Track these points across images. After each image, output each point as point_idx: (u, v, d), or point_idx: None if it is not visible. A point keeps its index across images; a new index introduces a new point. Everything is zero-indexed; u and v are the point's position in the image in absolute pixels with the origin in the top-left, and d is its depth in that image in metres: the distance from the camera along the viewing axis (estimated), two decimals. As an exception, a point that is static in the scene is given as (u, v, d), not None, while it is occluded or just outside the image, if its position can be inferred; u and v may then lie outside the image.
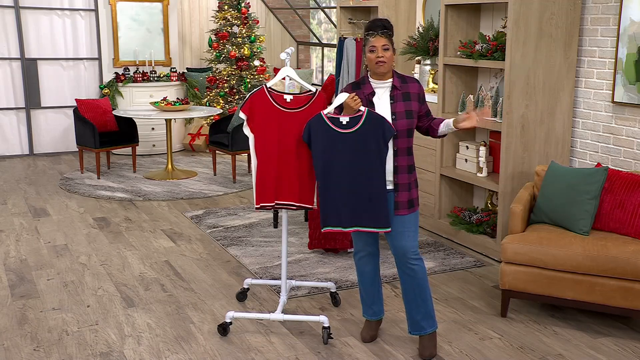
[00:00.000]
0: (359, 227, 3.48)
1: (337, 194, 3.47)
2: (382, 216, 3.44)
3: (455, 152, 5.62)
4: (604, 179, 4.07)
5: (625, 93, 4.60)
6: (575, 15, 4.87)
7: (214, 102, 9.21)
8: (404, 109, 3.46)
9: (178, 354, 3.66)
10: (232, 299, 4.39)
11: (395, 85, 3.48)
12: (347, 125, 3.42)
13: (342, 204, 3.47)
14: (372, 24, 3.47)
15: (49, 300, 4.35)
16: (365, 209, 3.44)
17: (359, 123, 3.40)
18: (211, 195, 7.01)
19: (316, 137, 3.48)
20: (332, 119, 3.45)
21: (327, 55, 10.64)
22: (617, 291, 3.79)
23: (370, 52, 3.43)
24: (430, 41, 5.75)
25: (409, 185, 3.51)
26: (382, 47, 3.41)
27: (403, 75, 3.55)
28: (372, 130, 3.39)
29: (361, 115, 3.40)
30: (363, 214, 3.45)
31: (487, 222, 5.30)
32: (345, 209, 3.47)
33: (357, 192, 3.43)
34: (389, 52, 3.43)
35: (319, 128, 3.47)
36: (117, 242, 5.51)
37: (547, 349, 3.73)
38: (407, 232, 3.51)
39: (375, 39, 3.41)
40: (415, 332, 3.65)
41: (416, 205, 3.56)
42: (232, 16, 9.21)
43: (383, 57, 3.41)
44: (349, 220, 3.48)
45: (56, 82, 9.03)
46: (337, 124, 3.44)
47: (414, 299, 3.58)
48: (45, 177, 7.79)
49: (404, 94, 3.49)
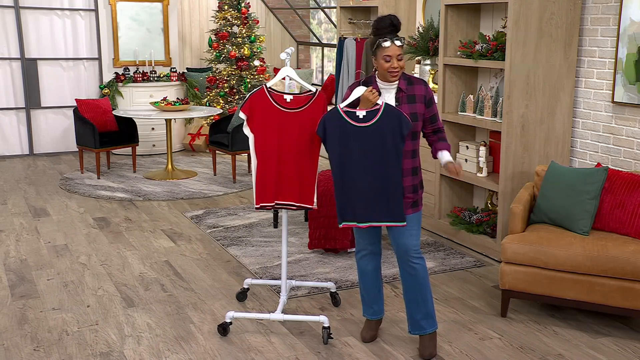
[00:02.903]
0: (373, 222, 3.45)
1: (353, 188, 3.44)
2: (398, 210, 3.42)
3: (455, 152, 5.62)
4: (604, 179, 4.07)
5: (625, 93, 4.60)
6: (575, 15, 4.87)
7: (214, 102, 9.21)
8: (408, 111, 3.44)
9: (178, 354, 3.66)
10: (232, 299, 4.39)
11: (401, 88, 3.45)
12: (364, 119, 3.38)
13: (357, 199, 3.44)
14: (382, 23, 3.37)
15: (49, 300, 4.35)
16: (381, 203, 3.42)
17: (376, 117, 3.37)
18: (211, 195, 7.01)
19: (332, 132, 3.43)
20: (348, 113, 3.41)
21: (327, 55, 10.64)
22: (617, 291, 3.79)
23: (385, 61, 3.37)
24: (430, 41, 5.76)
25: (413, 187, 3.51)
26: (397, 57, 3.36)
27: (410, 77, 3.50)
28: (389, 124, 3.35)
29: (378, 109, 3.37)
30: (379, 208, 3.43)
31: (487, 222, 5.30)
32: (360, 204, 3.44)
33: (373, 186, 3.41)
34: (403, 62, 3.40)
35: (335, 122, 3.42)
36: (117, 242, 5.51)
37: (547, 349, 3.73)
38: (410, 230, 3.51)
39: (391, 47, 3.35)
40: (415, 332, 3.65)
41: (420, 205, 3.57)
42: (232, 16, 9.21)
43: (397, 67, 3.38)
44: (364, 215, 3.46)
45: (56, 82, 9.03)
46: (354, 117, 3.39)
47: (415, 298, 3.58)
48: (45, 177, 7.79)
49: (409, 96, 3.46)
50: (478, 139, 5.68)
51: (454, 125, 5.58)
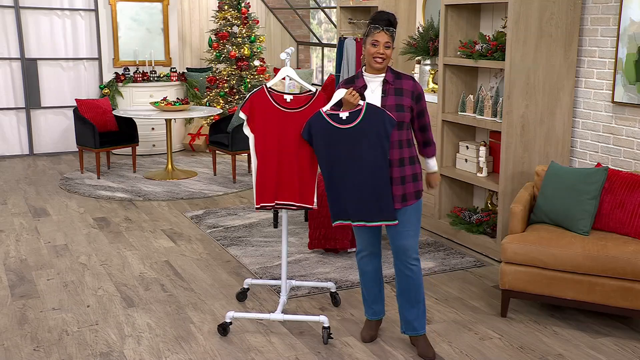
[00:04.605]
0: (365, 222, 3.46)
1: (342, 189, 3.45)
2: (389, 209, 3.42)
3: (455, 152, 5.62)
4: (604, 179, 4.07)
5: (625, 93, 4.60)
6: (575, 15, 4.87)
7: (214, 102, 9.21)
8: (394, 102, 3.45)
9: (178, 354, 3.66)
10: (232, 299, 4.39)
11: (388, 80, 3.48)
12: (347, 120, 3.40)
13: (348, 200, 3.45)
14: (378, 16, 3.44)
15: (49, 300, 4.35)
16: (371, 203, 3.42)
17: (358, 117, 3.39)
18: (211, 195, 7.01)
19: (317, 135, 3.47)
20: (331, 115, 3.44)
21: (327, 55, 10.64)
22: (617, 291, 3.79)
23: (372, 45, 3.42)
24: (430, 41, 5.76)
25: (402, 179, 3.45)
26: (385, 44, 3.41)
27: (399, 73, 3.54)
28: (372, 123, 3.37)
29: (360, 109, 3.39)
30: (369, 208, 3.43)
31: (487, 222, 5.30)
32: (351, 204, 3.45)
33: (361, 186, 3.41)
34: (390, 50, 3.44)
35: (319, 125, 3.46)
36: (117, 242, 5.51)
37: (547, 349, 3.73)
38: (407, 230, 3.50)
39: (380, 34, 3.40)
40: (408, 332, 3.68)
41: (410, 199, 3.48)
42: (232, 16, 9.21)
43: (384, 54, 3.42)
44: (356, 215, 3.47)
45: (56, 82, 9.03)
46: (337, 119, 3.42)
47: (409, 300, 3.59)
48: (45, 177, 7.78)
49: (397, 89, 3.48)
50: (478, 139, 5.68)
51: (454, 125, 5.58)
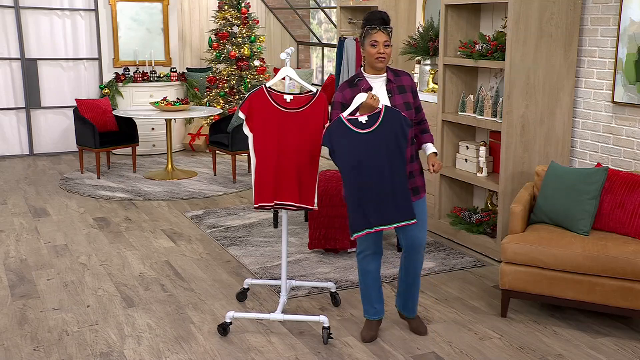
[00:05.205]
0: (385, 225, 3.48)
1: (367, 194, 3.45)
2: (408, 208, 3.46)
3: (455, 152, 5.62)
4: (604, 179, 4.07)
5: (625, 93, 4.60)
6: (575, 15, 4.87)
7: (214, 102, 9.21)
8: (402, 100, 3.57)
9: (178, 354, 3.66)
10: (232, 299, 4.39)
11: (390, 79, 3.58)
12: (367, 124, 3.42)
13: (370, 204, 3.45)
14: (372, 16, 3.51)
15: (49, 300, 4.35)
16: (391, 204, 3.44)
17: (378, 120, 3.41)
18: (211, 195, 7.01)
19: (339, 142, 3.42)
20: (351, 121, 3.43)
21: (327, 55, 10.64)
22: (617, 291, 3.79)
23: (372, 46, 3.48)
24: (430, 41, 5.76)
25: (410, 174, 3.62)
26: (384, 43, 3.48)
27: (395, 69, 3.64)
28: (391, 125, 3.41)
29: (379, 112, 3.41)
30: (390, 210, 3.45)
31: (487, 222, 5.30)
32: (372, 208, 3.46)
33: (383, 189, 3.43)
34: (389, 49, 3.51)
35: (340, 132, 3.42)
36: (117, 242, 5.51)
37: (547, 349, 3.73)
38: (421, 222, 3.67)
39: (378, 34, 3.47)
40: (406, 313, 3.90)
41: (421, 192, 3.68)
42: (232, 16, 9.21)
43: (384, 53, 3.49)
44: (376, 219, 3.47)
45: (56, 82, 9.03)
46: (357, 124, 3.42)
47: (413, 283, 3.82)
48: (45, 177, 7.79)
49: (399, 86, 3.59)
50: (478, 139, 5.68)
51: (454, 125, 5.58)
